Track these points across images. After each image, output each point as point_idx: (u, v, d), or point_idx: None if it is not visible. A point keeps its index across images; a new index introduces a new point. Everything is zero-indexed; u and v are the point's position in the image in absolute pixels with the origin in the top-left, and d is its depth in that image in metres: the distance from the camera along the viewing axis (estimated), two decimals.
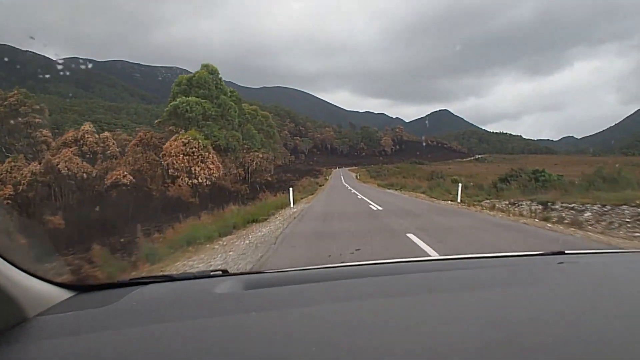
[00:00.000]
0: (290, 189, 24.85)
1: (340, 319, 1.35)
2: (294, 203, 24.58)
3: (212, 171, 34.23)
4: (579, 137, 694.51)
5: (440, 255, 7.37)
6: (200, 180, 33.67)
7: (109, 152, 49.65)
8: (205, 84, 44.09)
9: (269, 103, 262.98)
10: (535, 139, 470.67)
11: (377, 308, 1.44)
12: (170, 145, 33.75)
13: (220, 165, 36.69)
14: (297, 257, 8.59)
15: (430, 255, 7.70)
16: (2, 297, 1.29)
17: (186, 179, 32.83)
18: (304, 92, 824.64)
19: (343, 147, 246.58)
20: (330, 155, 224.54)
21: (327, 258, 8.05)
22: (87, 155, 47.98)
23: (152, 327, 1.34)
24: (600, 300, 1.47)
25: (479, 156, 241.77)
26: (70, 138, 48.61)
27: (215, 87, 45.02)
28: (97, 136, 49.60)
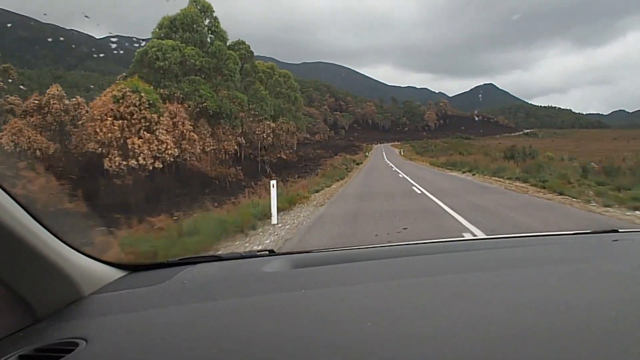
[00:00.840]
0: (273, 184, 11.02)
1: (387, 296, 1.33)
2: (281, 211, 11.34)
3: (166, 146, 20.94)
4: (630, 111, 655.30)
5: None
6: (141, 161, 20.31)
7: (80, 122, 37.49)
8: (193, 24, 30.15)
9: (309, 78, 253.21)
10: (585, 113, 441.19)
11: (425, 285, 1.41)
12: (97, 103, 20.68)
13: (196, 136, 23.70)
14: None
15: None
16: (59, 276, 1.34)
17: (118, 158, 20.01)
18: (345, 67, 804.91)
19: (385, 122, 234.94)
20: (371, 131, 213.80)
21: (374, 237, 7.63)
22: (53, 127, 36.47)
23: (203, 304, 1.36)
24: None
25: (528, 131, 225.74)
26: (31, 105, 36.67)
27: (209, 31, 31.59)
28: (66, 102, 37.35)
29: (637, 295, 1.23)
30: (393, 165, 42.74)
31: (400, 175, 26.65)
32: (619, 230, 2.21)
